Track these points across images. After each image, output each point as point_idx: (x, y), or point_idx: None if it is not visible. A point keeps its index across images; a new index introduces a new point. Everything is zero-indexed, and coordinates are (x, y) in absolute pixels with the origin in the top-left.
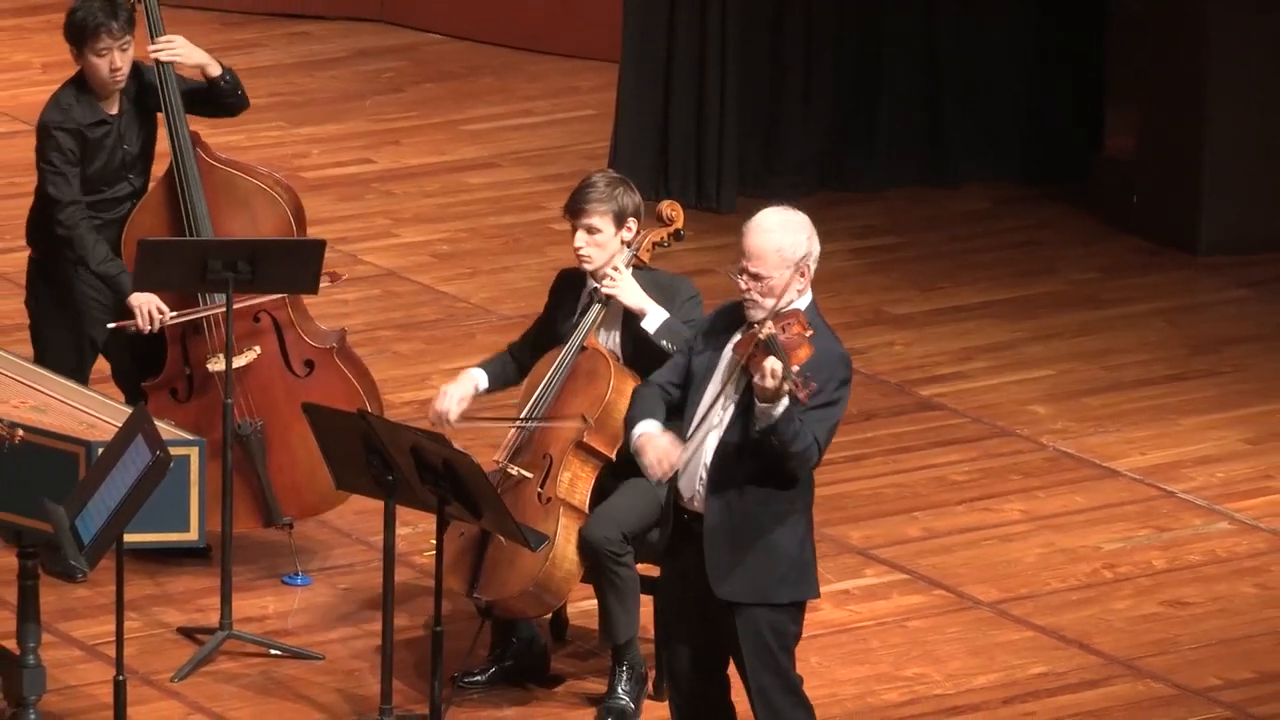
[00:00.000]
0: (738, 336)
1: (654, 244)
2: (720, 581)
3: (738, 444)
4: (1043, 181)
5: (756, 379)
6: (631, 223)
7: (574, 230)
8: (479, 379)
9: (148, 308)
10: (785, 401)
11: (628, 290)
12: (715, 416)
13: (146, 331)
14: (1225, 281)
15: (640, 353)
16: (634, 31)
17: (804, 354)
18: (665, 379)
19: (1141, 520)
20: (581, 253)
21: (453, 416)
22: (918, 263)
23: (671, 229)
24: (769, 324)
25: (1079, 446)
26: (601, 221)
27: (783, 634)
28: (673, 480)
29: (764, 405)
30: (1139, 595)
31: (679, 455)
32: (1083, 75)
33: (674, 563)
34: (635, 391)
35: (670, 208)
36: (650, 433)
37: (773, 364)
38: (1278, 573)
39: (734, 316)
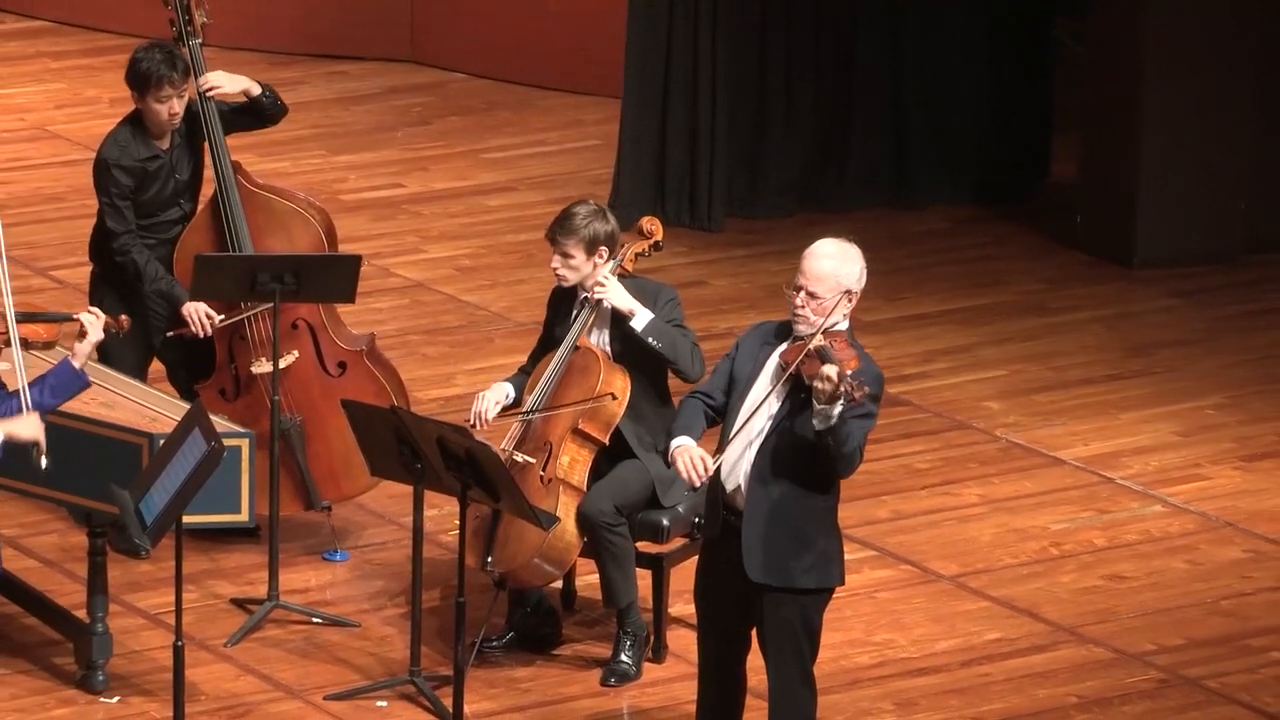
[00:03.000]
0: (784, 347)
1: (636, 255)
2: (754, 565)
3: (783, 443)
4: (996, 203)
5: (816, 383)
6: (603, 250)
7: (553, 253)
8: (509, 389)
9: (199, 315)
10: (841, 403)
11: (616, 294)
12: (761, 418)
13: (201, 336)
14: (1157, 292)
15: (627, 350)
16: (634, 71)
17: (855, 364)
18: (707, 389)
19: (1084, 503)
20: (558, 272)
21: (490, 416)
22: (885, 275)
23: (651, 241)
24: (819, 336)
25: (1029, 438)
26: (574, 249)
27: (806, 620)
28: (717, 474)
29: (823, 407)
30: (1082, 570)
31: (710, 465)
32: (1031, 110)
33: (716, 551)
34: (682, 403)
35: (650, 222)
36: (685, 444)
37: (830, 368)
38: (1205, 550)
39: (777, 331)
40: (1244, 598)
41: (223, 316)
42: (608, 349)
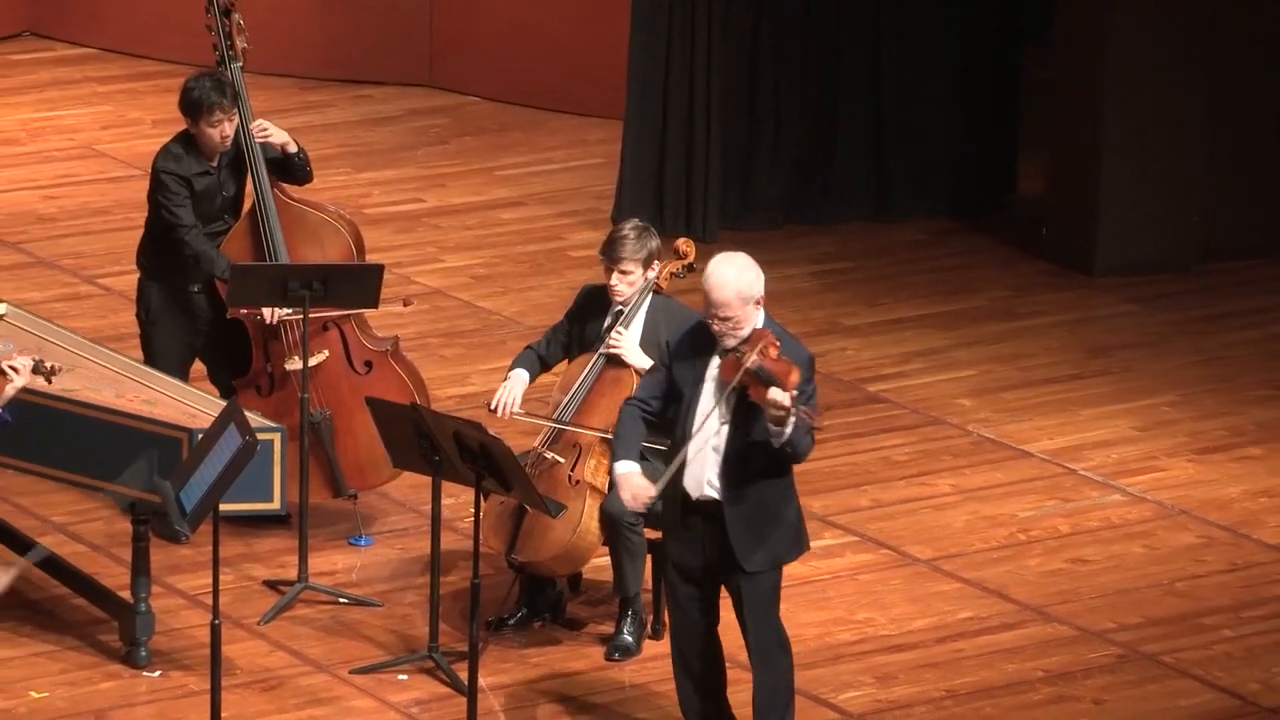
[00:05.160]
0: (717, 360)
1: (671, 274)
2: (748, 559)
3: (744, 447)
4: (968, 217)
5: (769, 409)
6: (655, 264)
7: (609, 271)
8: (526, 379)
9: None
10: (793, 421)
11: (630, 353)
12: (710, 430)
13: (270, 323)
14: (1117, 298)
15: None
16: (635, 95)
17: (794, 378)
18: (646, 395)
19: (1049, 493)
20: (616, 289)
21: (518, 407)
22: (866, 283)
23: (685, 262)
24: (753, 355)
25: (998, 433)
26: (633, 266)
27: (777, 588)
28: (679, 476)
29: (777, 429)
30: (1047, 554)
31: (652, 493)
32: (1001, 131)
33: (685, 535)
34: (622, 412)
35: (685, 244)
36: (627, 473)
37: (777, 396)
38: (1161, 536)
39: (707, 336)
40: (1197, 580)
41: (289, 311)
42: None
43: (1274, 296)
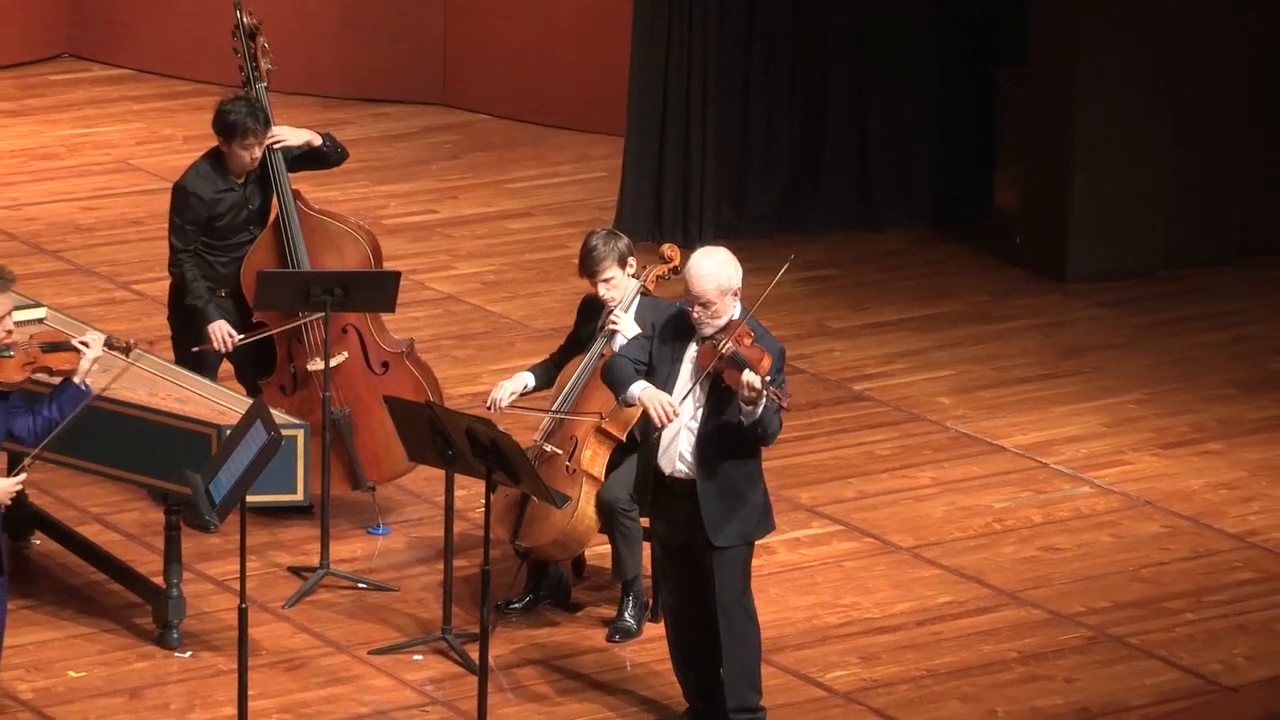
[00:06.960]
0: (694, 346)
1: (657, 277)
2: (717, 534)
3: (716, 429)
4: (947, 226)
5: (743, 392)
6: (631, 260)
7: (594, 285)
8: (528, 379)
9: (221, 333)
10: (764, 402)
11: (630, 331)
12: (686, 411)
13: (222, 353)
14: (1087, 303)
15: None
16: (636, 113)
17: (766, 364)
18: (633, 356)
19: (1023, 485)
20: (605, 296)
21: (503, 404)
22: (851, 289)
23: (670, 265)
24: (729, 342)
25: (975, 429)
26: (611, 271)
27: (747, 562)
28: (652, 457)
29: (749, 409)
30: (1021, 542)
31: (676, 404)
32: (978, 144)
33: (665, 515)
34: (612, 362)
35: (670, 249)
36: (646, 386)
37: (750, 378)
38: (1128, 526)
39: (688, 323)
40: (1161, 566)
41: (242, 336)
42: None
43: (1234, 301)
